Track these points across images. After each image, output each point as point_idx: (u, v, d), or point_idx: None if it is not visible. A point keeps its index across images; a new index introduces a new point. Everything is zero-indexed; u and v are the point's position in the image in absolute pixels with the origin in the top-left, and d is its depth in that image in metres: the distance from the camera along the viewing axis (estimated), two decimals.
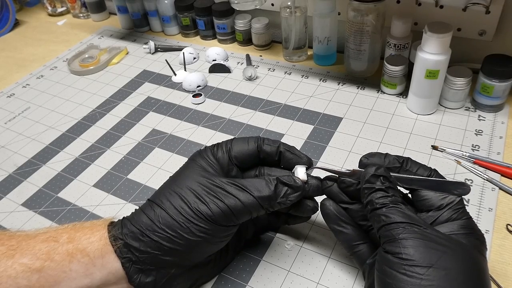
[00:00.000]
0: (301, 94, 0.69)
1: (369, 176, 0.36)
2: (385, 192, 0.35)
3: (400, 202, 0.35)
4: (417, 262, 0.31)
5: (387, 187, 0.36)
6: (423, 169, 0.38)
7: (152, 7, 0.89)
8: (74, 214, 0.53)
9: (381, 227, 0.34)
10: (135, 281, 0.36)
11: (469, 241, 0.33)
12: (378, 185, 0.36)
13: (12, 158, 0.63)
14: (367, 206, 0.36)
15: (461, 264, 0.31)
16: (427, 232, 0.32)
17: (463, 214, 0.35)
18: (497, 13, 0.61)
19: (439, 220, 0.35)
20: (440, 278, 0.30)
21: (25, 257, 0.34)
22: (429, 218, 0.36)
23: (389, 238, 0.33)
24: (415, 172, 0.38)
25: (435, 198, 0.36)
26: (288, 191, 0.39)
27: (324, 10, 0.69)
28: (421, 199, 0.36)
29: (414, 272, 0.31)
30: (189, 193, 0.37)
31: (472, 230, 0.34)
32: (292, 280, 0.43)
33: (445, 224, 0.35)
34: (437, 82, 0.58)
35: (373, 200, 0.35)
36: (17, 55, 0.92)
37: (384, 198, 0.35)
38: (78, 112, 0.72)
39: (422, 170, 0.38)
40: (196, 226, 0.36)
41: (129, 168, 0.59)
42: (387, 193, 0.35)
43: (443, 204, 0.35)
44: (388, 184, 0.36)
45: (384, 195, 0.35)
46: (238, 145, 0.42)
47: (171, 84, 0.76)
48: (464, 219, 0.35)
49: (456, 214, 0.35)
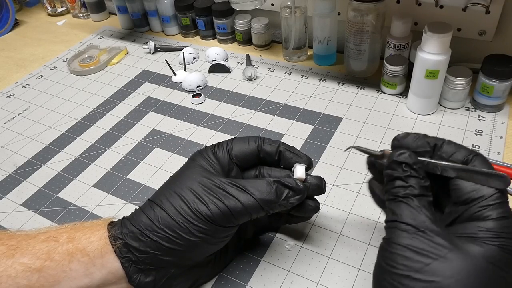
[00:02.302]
0: (301, 94, 0.69)
1: (389, 162, 0.33)
2: (403, 181, 0.32)
3: (415, 194, 0.31)
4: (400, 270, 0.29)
5: (406, 175, 0.32)
6: (459, 153, 0.33)
7: (152, 7, 0.89)
8: (74, 214, 0.53)
9: (385, 222, 0.32)
10: (134, 280, 0.36)
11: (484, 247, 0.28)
12: (398, 172, 0.33)
13: (12, 158, 0.63)
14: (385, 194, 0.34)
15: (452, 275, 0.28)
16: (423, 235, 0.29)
17: (492, 212, 0.30)
18: (497, 13, 0.61)
19: (462, 218, 0.31)
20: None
21: (25, 256, 0.34)
22: (454, 213, 0.32)
23: (386, 236, 0.32)
24: (449, 157, 0.33)
25: (465, 190, 0.31)
26: (289, 193, 0.38)
27: (324, 10, 0.69)
28: (454, 188, 0.32)
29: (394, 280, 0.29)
30: (189, 193, 0.37)
31: (497, 234, 0.29)
32: (292, 280, 0.43)
33: (467, 223, 0.30)
34: (437, 82, 0.58)
35: (389, 189, 0.33)
36: (17, 55, 0.92)
37: (399, 189, 0.32)
38: (78, 112, 0.72)
39: (458, 154, 0.33)
40: (195, 227, 0.36)
41: (129, 168, 0.59)
42: (405, 182, 0.32)
43: (470, 198, 0.31)
44: (409, 172, 0.32)
45: (401, 185, 0.32)
46: (238, 145, 0.42)
47: (171, 84, 0.76)
48: (491, 220, 0.30)
49: (483, 212, 0.30)
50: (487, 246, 0.29)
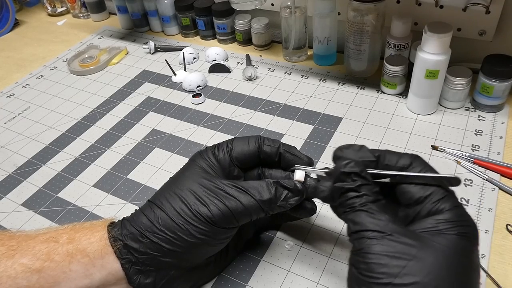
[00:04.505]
0: (301, 94, 0.69)
1: (338, 174, 0.34)
2: (355, 191, 0.32)
3: (371, 201, 0.32)
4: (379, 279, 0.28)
5: (358, 185, 0.32)
6: (403, 159, 0.34)
7: (152, 7, 0.89)
8: (74, 214, 0.53)
9: (349, 235, 0.32)
10: (134, 282, 0.36)
11: (446, 238, 0.29)
12: (348, 184, 0.33)
13: (12, 158, 0.63)
14: (338, 207, 0.34)
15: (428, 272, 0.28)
16: (392, 239, 0.29)
17: (445, 204, 0.31)
18: (497, 13, 0.61)
19: (420, 216, 0.32)
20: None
21: (25, 257, 0.34)
22: (410, 214, 0.33)
23: (355, 248, 0.31)
24: (395, 164, 0.34)
25: (414, 190, 0.33)
26: (288, 194, 0.39)
27: (324, 10, 0.69)
28: (402, 192, 0.33)
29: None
30: (189, 195, 0.37)
31: (454, 223, 0.30)
32: (292, 280, 0.43)
33: (426, 219, 0.31)
34: (437, 82, 0.58)
35: (343, 202, 0.33)
36: (17, 55, 0.92)
37: (354, 199, 0.32)
38: (78, 112, 0.72)
39: (403, 160, 0.34)
40: (196, 228, 0.36)
41: (129, 168, 0.59)
42: (358, 192, 0.32)
43: (422, 196, 0.32)
44: (360, 180, 0.33)
45: (355, 196, 0.32)
46: (239, 146, 0.42)
47: (171, 84, 0.76)
48: (446, 211, 0.31)
49: (437, 206, 0.31)
50: (449, 237, 0.29)
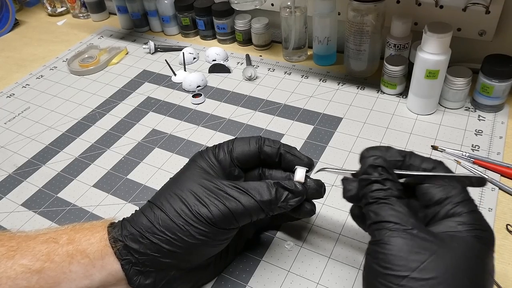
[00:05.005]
0: (301, 94, 0.69)
1: (366, 167, 0.34)
2: (381, 184, 0.33)
3: (395, 196, 0.32)
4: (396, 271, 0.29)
5: (384, 178, 0.33)
6: (427, 162, 0.35)
7: (152, 7, 0.89)
8: (74, 214, 0.53)
9: (369, 225, 0.32)
10: (134, 282, 0.36)
11: (464, 241, 0.30)
12: (375, 176, 0.33)
13: (12, 158, 0.63)
14: (362, 199, 0.34)
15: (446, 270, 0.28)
16: (413, 233, 0.30)
17: (464, 207, 0.31)
18: (497, 13, 0.61)
19: (438, 217, 0.32)
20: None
21: (25, 258, 0.34)
22: (428, 215, 0.33)
23: (374, 239, 0.31)
24: (418, 166, 0.35)
25: (434, 191, 0.33)
26: (288, 195, 0.39)
27: (324, 10, 0.69)
28: (422, 192, 0.34)
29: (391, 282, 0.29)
30: (189, 195, 0.37)
31: (473, 226, 0.30)
32: (292, 280, 0.43)
33: (443, 221, 0.32)
34: (437, 82, 0.58)
35: (367, 193, 0.33)
36: (17, 55, 0.92)
37: (379, 192, 0.32)
38: (78, 112, 0.72)
39: (426, 163, 0.35)
40: (196, 229, 0.36)
41: (129, 168, 0.59)
42: (383, 185, 0.33)
43: (442, 198, 0.32)
44: (386, 175, 0.33)
45: (380, 188, 0.32)
46: (239, 146, 0.41)
47: (171, 84, 0.76)
48: (464, 214, 0.31)
49: (456, 208, 0.31)
50: (468, 239, 0.30)
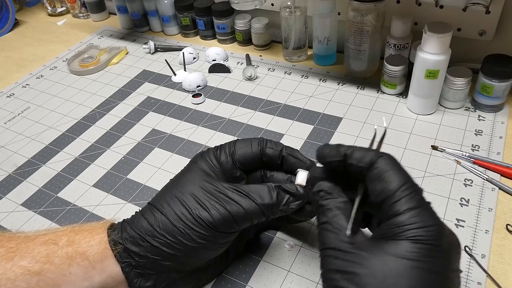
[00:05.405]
0: (301, 94, 0.69)
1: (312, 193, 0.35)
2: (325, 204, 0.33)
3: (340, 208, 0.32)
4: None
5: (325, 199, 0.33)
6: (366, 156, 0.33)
7: (152, 7, 0.89)
8: (74, 214, 0.53)
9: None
10: (135, 285, 0.36)
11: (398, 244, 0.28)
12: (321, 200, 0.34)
13: (12, 158, 0.63)
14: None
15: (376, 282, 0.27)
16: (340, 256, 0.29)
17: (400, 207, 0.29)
18: (497, 13, 0.61)
19: (382, 220, 0.30)
20: None
21: (24, 259, 0.34)
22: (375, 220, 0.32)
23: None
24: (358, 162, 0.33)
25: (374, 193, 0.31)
26: (289, 199, 0.38)
27: (324, 10, 0.69)
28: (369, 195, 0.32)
29: None
30: (190, 198, 0.37)
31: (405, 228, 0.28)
32: (292, 280, 0.43)
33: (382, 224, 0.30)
34: (437, 82, 0.58)
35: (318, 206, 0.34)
36: (17, 55, 0.92)
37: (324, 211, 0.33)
38: (77, 112, 0.72)
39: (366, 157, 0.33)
40: (196, 233, 0.36)
41: (129, 168, 0.59)
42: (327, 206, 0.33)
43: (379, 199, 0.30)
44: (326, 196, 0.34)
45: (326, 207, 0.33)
46: (241, 148, 0.41)
47: (171, 84, 0.76)
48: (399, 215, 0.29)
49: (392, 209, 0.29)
50: (399, 242, 0.28)
